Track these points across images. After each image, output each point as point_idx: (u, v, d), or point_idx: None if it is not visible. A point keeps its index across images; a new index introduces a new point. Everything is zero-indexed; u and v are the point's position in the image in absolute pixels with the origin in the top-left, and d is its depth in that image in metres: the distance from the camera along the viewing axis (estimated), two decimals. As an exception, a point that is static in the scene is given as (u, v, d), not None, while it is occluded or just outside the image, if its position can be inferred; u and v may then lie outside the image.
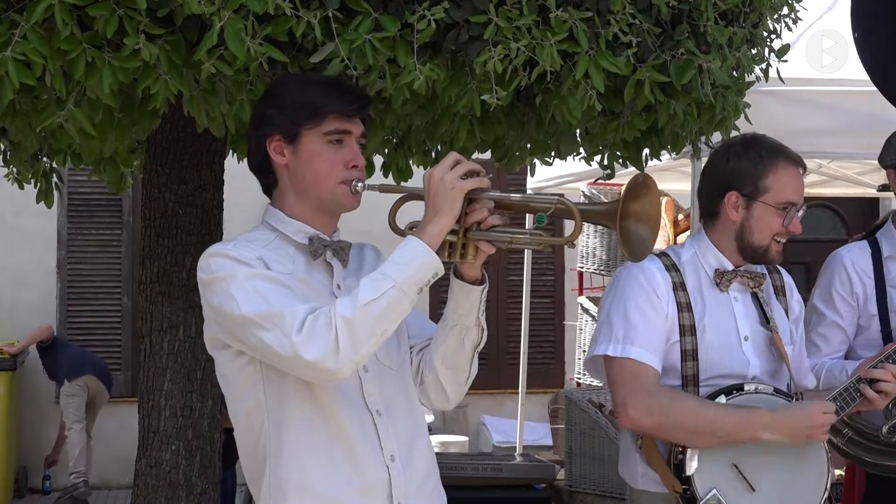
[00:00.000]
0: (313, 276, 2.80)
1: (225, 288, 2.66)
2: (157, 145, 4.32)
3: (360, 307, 2.55)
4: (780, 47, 3.92)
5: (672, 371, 3.35)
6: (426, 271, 2.60)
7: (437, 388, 2.93)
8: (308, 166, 2.77)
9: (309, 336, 2.55)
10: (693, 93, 3.46)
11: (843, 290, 4.02)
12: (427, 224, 2.63)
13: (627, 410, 3.27)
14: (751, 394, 3.28)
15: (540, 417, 10.12)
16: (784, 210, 3.35)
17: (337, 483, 2.73)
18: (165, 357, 4.29)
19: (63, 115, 3.12)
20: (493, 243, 2.68)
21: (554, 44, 3.13)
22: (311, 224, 2.82)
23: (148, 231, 4.34)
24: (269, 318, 2.59)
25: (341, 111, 2.75)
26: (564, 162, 4.87)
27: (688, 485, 3.24)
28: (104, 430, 10.72)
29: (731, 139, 3.51)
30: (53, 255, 11.07)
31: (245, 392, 2.79)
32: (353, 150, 2.78)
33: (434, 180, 2.62)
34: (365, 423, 2.76)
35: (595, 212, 2.74)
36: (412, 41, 3.07)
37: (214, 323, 2.76)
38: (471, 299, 2.78)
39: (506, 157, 4.28)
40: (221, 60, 2.95)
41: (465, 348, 2.85)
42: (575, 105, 3.28)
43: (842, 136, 5.47)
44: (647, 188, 2.69)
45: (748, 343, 3.39)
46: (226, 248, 2.72)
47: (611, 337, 3.33)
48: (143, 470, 4.34)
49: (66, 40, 2.88)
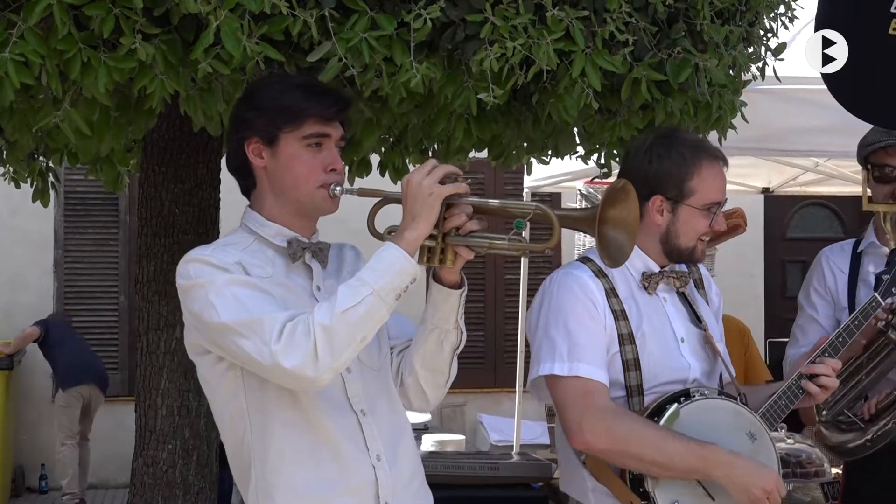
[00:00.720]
0: (292, 278, 2.80)
1: (204, 295, 2.66)
2: (153, 144, 4.32)
3: (339, 314, 2.55)
4: (776, 46, 3.93)
5: (615, 383, 3.22)
6: (404, 278, 2.59)
7: (416, 390, 2.93)
8: (287, 170, 2.77)
9: (288, 344, 2.55)
10: (690, 91, 3.46)
11: (819, 284, 4.13)
12: (405, 230, 2.62)
13: (584, 435, 3.13)
14: (701, 399, 3.22)
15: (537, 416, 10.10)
16: (709, 211, 3.27)
17: (323, 485, 2.74)
18: (162, 356, 4.28)
19: (59, 114, 3.13)
20: (471, 248, 2.67)
21: (550, 42, 3.13)
22: (289, 226, 2.82)
23: (144, 230, 4.34)
24: (248, 325, 2.60)
25: (320, 115, 2.75)
26: (561, 161, 4.87)
27: (647, 499, 3.15)
28: (101, 430, 10.72)
29: (649, 136, 3.37)
30: (50, 255, 11.07)
31: (227, 398, 2.79)
32: (331, 153, 2.78)
33: (412, 186, 2.62)
34: (350, 424, 2.77)
35: (573, 217, 2.73)
36: (409, 40, 3.07)
37: (194, 329, 2.76)
38: (449, 303, 2.78)
39: (502, 156, 4.28)
40: (218, 60, 2.95)
41: (444, 351, 2.85)
42: (571, 104, 3.28)
43: (838, 134, 5.46)
44: (625, 194, 2.68)
45: (685, 345, 3.32)
46: (204, 253, 2.72)
47: (554, 355, 3.18)
48: (140, 469, 4.34)
49: (63, 40, 2.88)
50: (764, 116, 5.01)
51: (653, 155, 3.29)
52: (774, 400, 3.36)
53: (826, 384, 3.36)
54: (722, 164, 3.31)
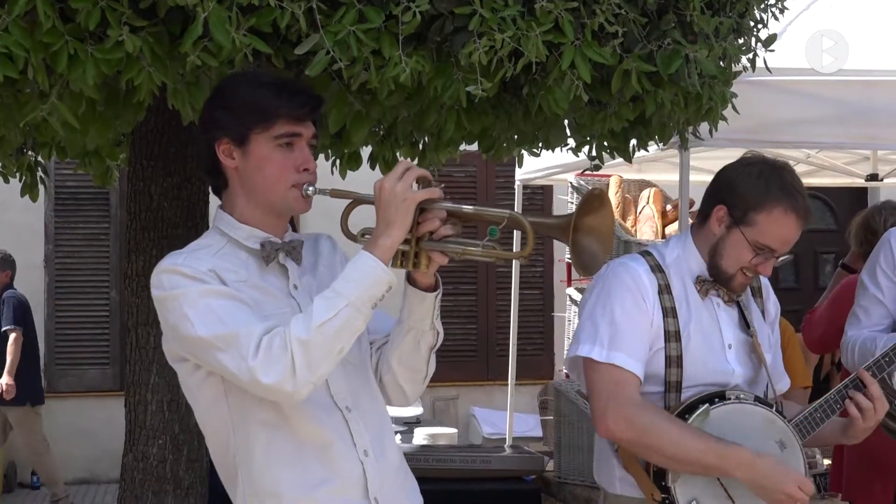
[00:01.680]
0: (268, 280, 2.78)
1: (178, 307, 2.63)
2: (142, 138, 4.30)
3: (315, 328, 2.54)
4: (766, 37, 3.91)
5: (655, 378, 3.26)
6: (380, 287, 2.58)
7: (394, 387, 2.92)
8: (258, 171, 2.73)
9: (265, 360, 2.54)
10: (680, 82, 3.45)
11: (887, 266, 4.05)
12: (379, 237, 2.60)
13: (607, 422, 3.19)
14: (734, 403, 3.24)
15: (530, 409, 10.12)
16: (759, 251, 3.26)
17: (310, 485, 2.72)
18: (152, 351, 4.27)
19: (46, 108, 3.10)
20: (445, 253, 2.66)
21: (539, 34, 3.12)
22: (261, 227, 2.79)
23: (133, 224, 4.33)
24: (224, 339, 2.57)
25: (292, 115, 2.71)
26: (552, 153, 4.86)
27: (667, 493, 3.18)
28: (93, 425, 10.71)
29: (760, 158, 3.37)
30: (41, 250, 11.04)
31: (208, 404, 2.77)
32: (303, 153, 2.74)
33: (385, 192, 2.59)
34: (336, 422, 2.75)
35: (548, 225, 2.71)
36: (397, 33, 3.06)
37: (172, 339, 2.73)
38: (424, 305, 2.77)
39: (493, 149, 4.27)
40: (206, 52, 2.93)
41: (421, 350, 2.84)
42: (561, 96, 3.26)
43: (829, 125, 5.46)
44: (600, 203, 2.67)
45: (731, 351, 3.33)
46: (177, 262, 2.67)
47: (595, 339, 3.23)
48: (130, 464, 4.33)
49: (49, 33, 2.86)
50: (755, 108, 5.00)
51: (747, 170, 3.29)
52: (811, 411, 3.34)
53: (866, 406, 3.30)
54: (800, 220, 3.27)
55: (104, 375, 10.84)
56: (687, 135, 4.10)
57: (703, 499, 3.19)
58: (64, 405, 10.98)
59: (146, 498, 4.29)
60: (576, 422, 5.46)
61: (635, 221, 6.74)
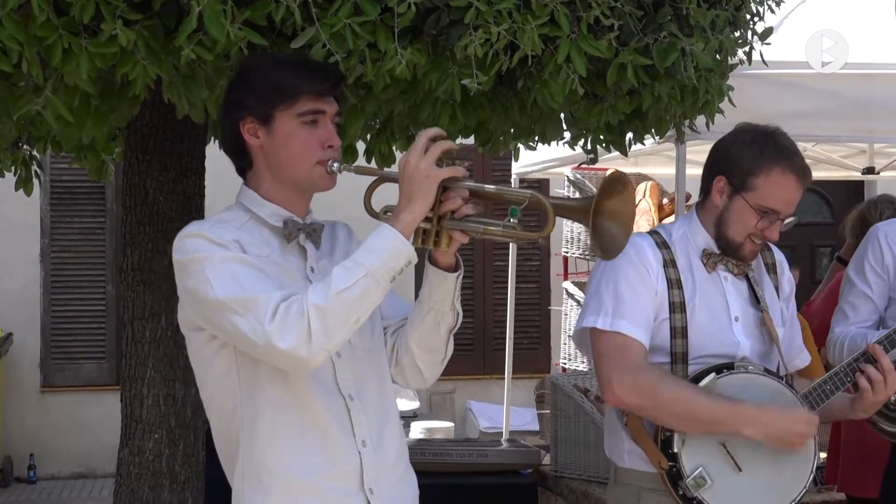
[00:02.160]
0: (287, 259, 2.79)
1: (200, 270, 2.64)
2: (137, 132, 4.29)
3: (333, 295, 2.55)
4: (763, 30, 3.91)
5: (661, 349, 3.31)
6: (399, 260, 2.59)
7: (413, 369, 2.93)
8: (283, 148, 2.75)
9: (282, 324, 2.55)
10: (676, 76, 3.44)
11: (875, 261, 4.04)
12: (400, 212, 2.61)
13: (613, 387, 3.23)
14: (741, 374, 3.27)
15: (526, 402, 10.13)
16: (763, 214, 3.30)
17: (310, 469, 2.74)
18: (147, 345, 4.26)
19: (40, 102, 3.10)
20: (465, 233, 2.67)
21: (535, 28, 3.11)
22: (285, 206, 2.81)
23: (128, 218, 4.31)
24: (243, 303, 2.59)
25: (314, 91, 2.73)
26: (548, 147, 4.86)
27: (674, 461, 3.22)
28: (89, 419, 10.71)
29: (752, 125, 3.42)
30: (37, 244, 11.03)
31: (219, 376, 2.78)
32: (327, 129, 2.76)
33: (408, 167, 2.61)
34: (338, 409, 2.76)
35: (568, 207, 2.74)
36: (393, 25, 3.05)
37: (188, 305, 2.74)
38: (446, 285, 2.78)
39: (489, 142, 4.26)
40: (201, 46, 2.93)
41: (441, 332, 2.85)
42: (557, 89, 3.26)
43: (826, 118, 5.47)
44: (622, 185, 2.66)
45: (738, 324, 3.37)
46: (202, 228, 2.70)
47: (599, 310, 3.28)
48: (126, 459, 4.32)
49: (43, 26, 2.85)
50: (751, 101, 4.99)
51: (738, 140, 3.35)
52: (820, 383, 3.37)
53: (876, 378, 3.32)
54: (799, 179, 3.31)
55: (100, 370, 10.83)
56: (683, 128, 4.09)
57: (708, 466, 3.22)
58: (60, 399, 10.98)
59: (142, 492, 4.28)
60: (572, 416, 5.45)
61: (632, 215, 6.73)
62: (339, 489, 2.75)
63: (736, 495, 3.23)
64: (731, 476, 3.23)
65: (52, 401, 11.00)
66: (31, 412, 10.93)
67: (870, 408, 3.39)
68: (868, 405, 3.38)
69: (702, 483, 3.21)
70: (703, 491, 3.21)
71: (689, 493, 3.21)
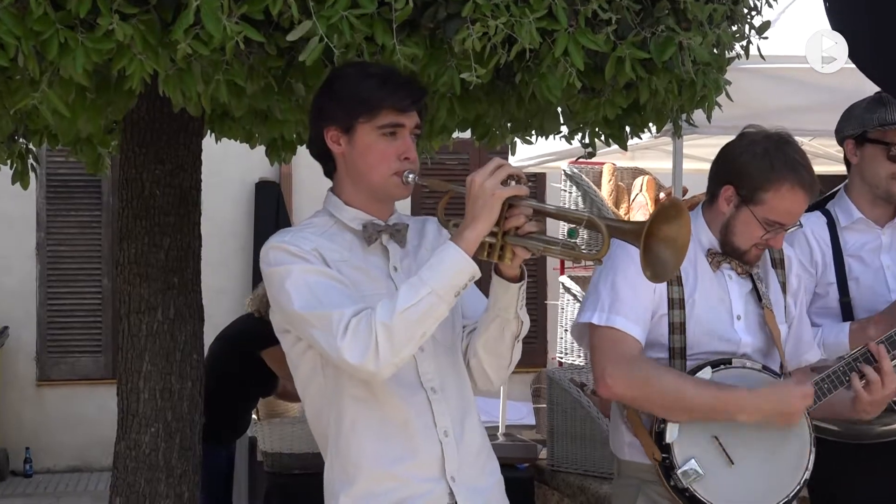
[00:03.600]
0: (370, 260, 2.96)
1: (280, 282, 2.85)
2: (133, 126, 4.28)
3: (399, 314, 2.70)
4: (760, 24, 3.90)
5: (659, 345, 3.35)
6: (462, 277, 2.74)
7: (480, 372, 3.08)
8: (362, 157, 2.92)
9: (352, 341, 2.72)
10: (674, 70, 3.43)
11: (804, 257, 4.01)
12: (465, 229, 2.75)
13: (606, 380, 3.28)
14: (738, 368, 3.28)
15: (523, 397, 10.11)
16: (769, 227, 3.32)
17: (392, 459, 2.91)
18: (144, 339, 4.26)
19: (37, 96, 3.09)
20: (527, 249, 2.80)
21: (533, 21, 3.10)
22: (366, 210, 2.98)
23: (125, 212, 4.30)
24: (318, 318, 2.78)
25: (395, 106, 2.88)
26: (545, 140, 4.85)
27: (667, 453, 3.25)
28: (85, 413, 10.71)
29: (762, 133, 3.44)
30: (33, 238, 11.03)
31: (308, 375, 2.98)
32: (405, 142, 2.92)
33: (475, 186, 2.74)
34: (420, 401, 2.94)
35: (623, 230, 2.79)
36: (390, 19, 3.04)
37: (276, 311, 2.94)
38: (509, 295, 2.92)
39: (487, 136, 4.25)
40: (197, 40, 2.92)
41: (506, 338, 3.00)
42: (555, 83, 3.25)
43: (823, 112, 5.44)
44: (677, 212, 2.72)
45: (740, 322, 3.38)
46: (284, 240, 2.88)
47: (597, 305, 3.34)
48: (123, 452, 4.32)
49: (39, 20, 2.84)
50: (748, 95, 5.00)
51: (749, 149, 3.38)
52: (817, 381, 3.35)
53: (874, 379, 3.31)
54: (807, 192, 3.35)
55: (96, 363, 10.82)
56: (680, 122, 4.08)
57: (701, 457, 3.26)
58: (56, 393, 10.98)
59: (138, 486, 4.28)
60: (569, 410, 5.46)
61: (628, 209, 6.73)
62: (422, 477, 2.92)
63: (728, 488, 3.24)
64: (723, 469, 3.24)
65: (49, 394, 11.00)
66: (27, 406, 10.93)
67: (868, 408, 3.37)
68: (865, 405, 3.36)
69: (694, 475, 3.22)
70: (695, 482, 3.23)
71: (680, 485, 3.23)
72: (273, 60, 3.19)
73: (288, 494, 5.69)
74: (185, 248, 4.34)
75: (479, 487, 3.01)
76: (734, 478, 3.25)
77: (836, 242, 4.07)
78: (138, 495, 4.28)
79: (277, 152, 4.96)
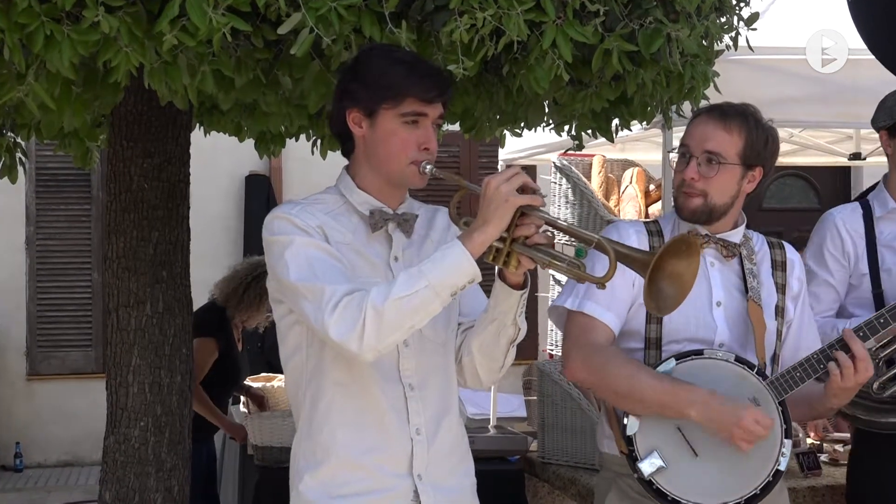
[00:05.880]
0: (373, 246, 2.95)
1: (280, 251, 2.84)
2: (121, 119, 4.27)
3: (392, 301, 2.68)
4: (749, 15, 3.89)
5: (636, 334, 3.36)
6: (462, 277, 2.71)
7: (471, 371, 3.07)
8: (382, 143, 2.89)
9: (340, 317, 2.70)
10: (662, 62, 3.43)
11: (835, 249, 4.02)
12: (474, 231, 2.73)
13: (568, 363, 3.34)
14: (706, 359, 3.26)
15: (514, 389, 10.11)
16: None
17: (360, 449, 2.91)
18: (133, 333, 4.25)
19: (23, 89, 3.08)
20: (533, 260, 2.76)
21: (520, 13, 3.09)
22: (378, 195, 2.97)
23: (113, 205, 4.30)
24: (311, 290, 2.76)
25: (421, 96, 2.85)
26: (535, 133, 4.84)
27: (631, 445, 3.25)
28: (75, 407, 10.69)
29: None
30: (22, 232, 10.99)
31: (292, 349, 2.97)
32: (427, 132, 2.90)
33: (490, 189, 2.71)
34: (396, 396, 2.92)
35: (631, 258, 2.76)
36: (378, 11, 3.04)
37: (272, 279, 2.93)
38: (509, 301, 2.89)
39: (475, 129, 4.25)
40: (183, 32, 2.91)
41: (501, 343, 2.98)
42: (542, 75, 3.25)
43: (812, 104, 5.46)
44: (688, 248, 2.71)
45: (720, 309, 3.37)
46: (291, 212, 2.87)
47: (573, 291, 3.36)
48: (112, 446, 4.32)
49: (24, 13, 2.83)
50: (737, 87, 4.98)
51: None
52: (789, 369, 3.32)
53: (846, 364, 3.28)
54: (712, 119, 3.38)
55: (87, 358, 10.80)
56: (670, 114, 4.08)
57: (663, 448, 3.25)
58: (46, 387, 10.96)
59: (128, 480, 4.28)
60: (559, 402, 5.45)
61: (618, 201, 6.72)
62: (388, 471, 2.92)
63: (691, 479, 3.22)
64: (686, 461, 3.23)
65: (39, 389, 10.98)
66: (17, 400, 10.90)
67: (840, 394, 3.33)
68: (837, 391, 3.31)
69: (657, 466, 3.22)
70: (658, 474, 3.22)
71: (642, 476, 3.23)
72: (260, 53, 3.18)
73: (278, 488, 5.65)
74: (173, 241, 4.33)
75: (445, 487, 2.99)
76: (699, 470, 3.23)
77: (870, 233, 4.02)
78: (128, 489, 4.28)
79: (266, 145, 4.96)
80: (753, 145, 3.37)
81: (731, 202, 3.40)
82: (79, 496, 9.84)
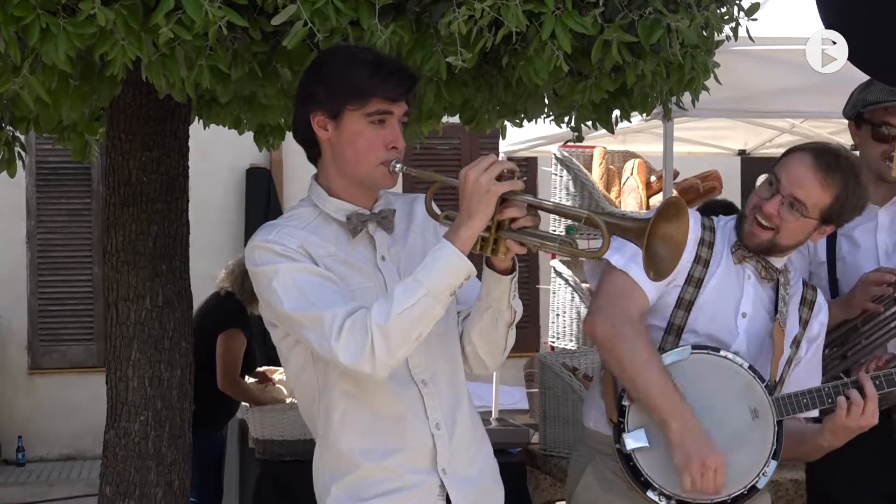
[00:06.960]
0: (356, 252, 2.92)
1: (268, 282, 2.81)
2: (120, 112, 4.25)
3: (395, 316, 2.67)
4: (749, 6, 3.87)
5: (661, 314, 3.37)
6: (458, 277, 2.70)
7: (475, 358, 3.07)
8: (349, 145, 2.85)
9: (346, 342, 2.70)
10: (661, 53, 3.41)
11: None
12: (459, 227, 2.71)
13: (593, 317, 3.35)
14: (720, 358, 3.26)
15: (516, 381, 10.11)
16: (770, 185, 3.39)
17: (381, 454, 2.90)
18: (132, 327, 4.24)
19: (18, 81, 3.06)
20: (522, 244, 2.75)
21: (519, 4, 3.07)
22: (350, 198, 2.93)
23: (112, 199, 4.28)
24: (310, 319, 2.74)
25: (386, 95, 2.81)
26: (535, 124, 4.83)
27: (622, 416, 3.28)
28: (77, 401, 10.69)
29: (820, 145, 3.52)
30: (23, 226, 11.00)
31: (297, 369, 2.96)
32: (393, 130, 2.86)
33: (469, 182, 2.69)
34: (411, 395, 2.92)
35: (623, 227, 2.75)
36: (375, 3, 3.02)
37: (265, 307, 2.90)
38: (501, 287, 2.89)
39: (475, 120, 4.23)
40: (179, 25, 2.89)
41: (499, 327, 2.98)
42: (542, 66, 3.23)
43: (813, 94, 5.45)
44: (677, 210, 2.71)
45: (744, 320, 3.39)
46: (268, 239, 2.82)
47: (622, 249, 3.32)
48: (112, 441, 4.30)
49: (20, 6, 2.82)
50: (738, 77, 4.97)
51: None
52: (798, 394, 3.34)
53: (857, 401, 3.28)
54: (814, 163, 3.37)
55: (88, 351, 10.80)
56: (670, 105, 4.06)
57: (652, 430, 3.25)
58: (47, 381, 10.97)
59: (128, 474, 4.27)
60: (561, 394, 5.45)
61: (619, 193, 6.71)
62: (413, 469, 2.91)
63: (668, 467, 3.23)
64: (669, 449, 3.22)
65: (40, 383, 10.98)
66: (18, 394, 10.91)
67: (838, 432, 3.34)
68: (838, 428, 3.32)
69: (641, 444, 3.22)
70: (639, 452, 3.23)
71: (624, 450, 3.23)
72: (257, 45, 3.16)
73: (279, 481, 5.68)
74: (172, 235, 4.32)
75: (469, 478, 3.00)
76: None
77: None
78: (128, 484, 4.27)
79: (265, 138, 4.94)
80: (841, 208, 3.37)
81: (795, 246, 3.44)
82: (81, 490, 9.85)
